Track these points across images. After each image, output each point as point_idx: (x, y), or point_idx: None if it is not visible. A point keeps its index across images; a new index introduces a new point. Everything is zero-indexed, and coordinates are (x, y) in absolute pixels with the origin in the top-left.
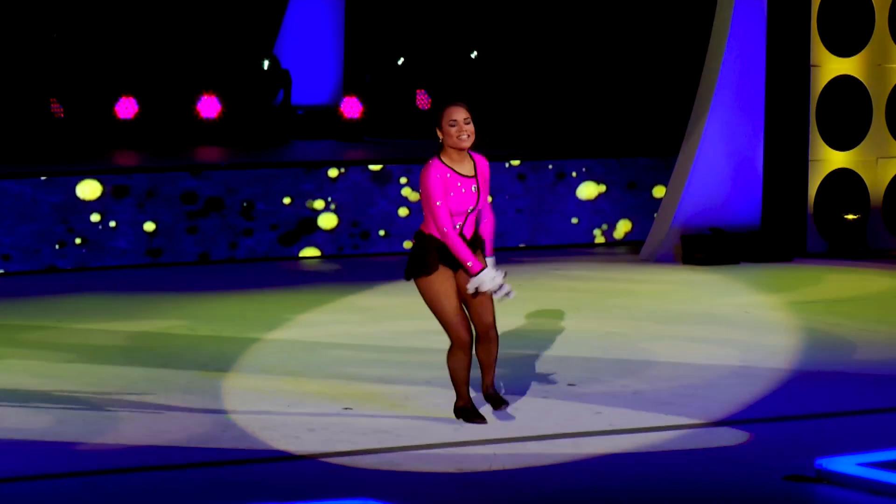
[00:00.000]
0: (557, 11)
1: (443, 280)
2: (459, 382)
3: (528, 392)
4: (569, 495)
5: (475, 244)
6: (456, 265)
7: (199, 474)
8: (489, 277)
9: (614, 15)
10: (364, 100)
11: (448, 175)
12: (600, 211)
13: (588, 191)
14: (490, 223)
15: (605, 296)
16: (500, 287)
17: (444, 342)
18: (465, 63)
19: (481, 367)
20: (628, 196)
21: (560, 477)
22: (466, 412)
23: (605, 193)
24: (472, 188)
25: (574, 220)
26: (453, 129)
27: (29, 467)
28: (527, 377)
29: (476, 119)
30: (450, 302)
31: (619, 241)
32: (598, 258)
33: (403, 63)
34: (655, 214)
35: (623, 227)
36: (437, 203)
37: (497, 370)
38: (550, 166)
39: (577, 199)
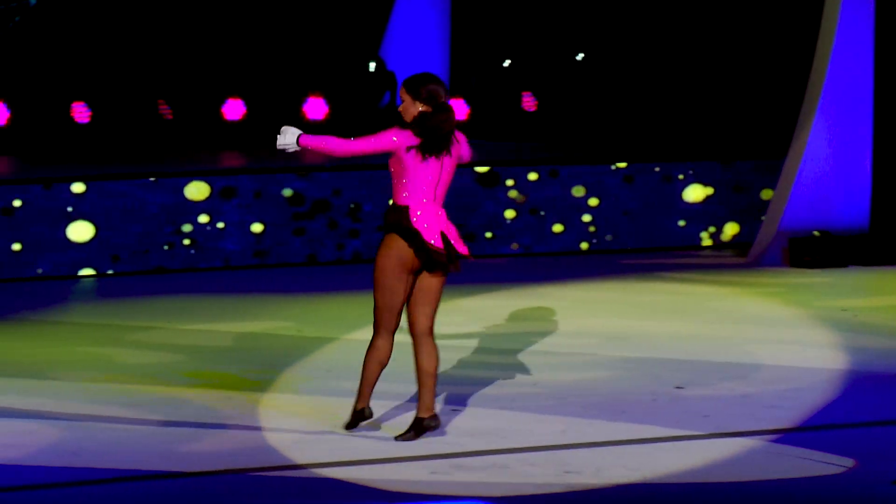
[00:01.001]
0: (664, 13)
1: (402, 263)
2: (368, 383)
3: (635, 394)
4: (675, 500)
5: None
6: (429, 264)
7: (299, 476)
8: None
9: (721, 17)
10: (470, 102)
11: (408, 133)
12: (707, 213)
13: (695, 193)
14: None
15: (712, 298)
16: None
17: (552, 346)
18: (571, 65)
19: (422, 381)
20: (735, 198)
21: (666, 478)
22: (356, 416)
23: (713, 196)
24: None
25: (681, 223)
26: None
27: (137, 466)
28: (634, 379)
29: (581, 121)
30: (403, 290)
31: (726, 244)
32: (704, 261)
33: (509, 65)
34: (763, 217)
35: (730, 230)
36: (391, 138)
37: (604, 372)
38: (657, 169)
39: (683, 201)
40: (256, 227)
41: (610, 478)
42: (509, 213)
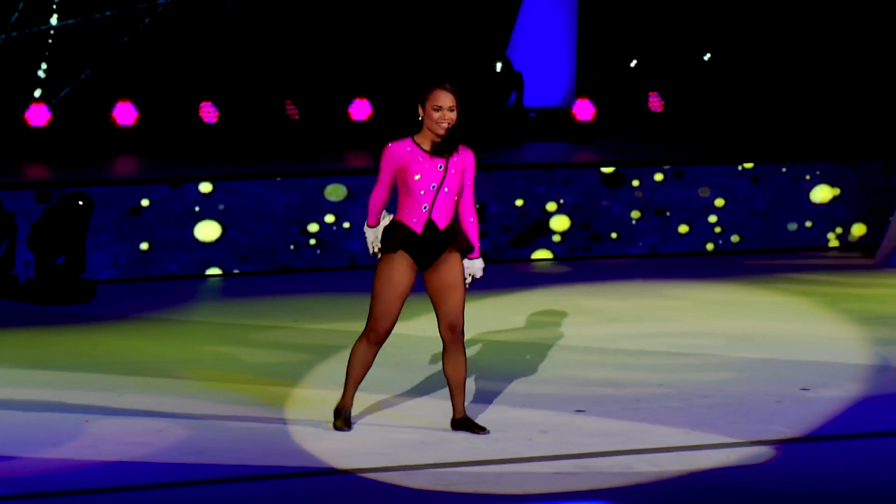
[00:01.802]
0: (792, 13)
1: (399, 269)
2: (353, 381)
3: (760, 396)
4: (799, 499)
5: (450, 235)
6: (424, 262)
7: (430, 475)
8: (375, 237)
9: (850, 15)
10: (596, 102)
11: (408, 149)
12: (834, 214)
13: (822, 194)
14: (475, 225)
15: (838, 300)
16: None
17: (674, 345)
18: (698, 65)
19: (452, 388)
20: (863, 199)
21: (790, 480)
22: (339, 414)
23: (840, 197)
24: (438, 167)
25: (808, 224)
26: (436, 114)
27: (264, 464)
28: (759, 381)
29: (708, 121)
30: (393, 291)
31: (853, 245)
32: (831, 262)
33: (636, 65)
34: (890, 218)
35: (857, 231)
36: (387, 171)
37: (729, 373)
38: (784, 169)
39: (810, 202)
40: None
41: (735, 479)
42: (635, 214)
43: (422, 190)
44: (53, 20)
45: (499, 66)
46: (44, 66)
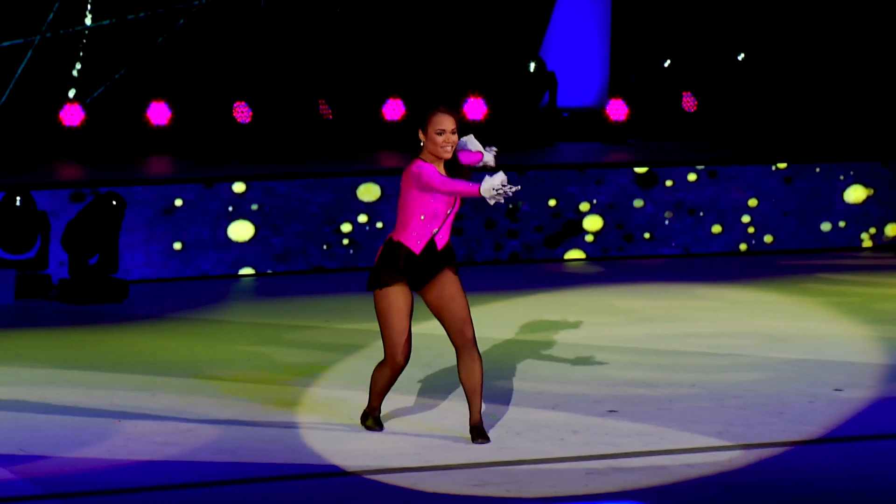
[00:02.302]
0: (826, 12)
1: (399, 295)
2: (376, 394)
3: (793, 396)
4: (832, 499)
5: (447, 255)
6: (418, 282)
7: (462, 475)
8: (496, 178)
9: (885, 15)
10: (629, 102)
11: (431, 167)
12: (868, 214)
13: (855, 194)
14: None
15: (872, 300)
16: (503, 183)
17: (709, 346)
18: (732, 65)
19: (467, 394)
20: None
21: (824, 480)
22: (367, 416)
23: (873, 197)
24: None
25: (841, 224)
26: (440, 138)
27: (288, 460)
28: (792, 381)
29: (742, 121)
30: (399, 320)
31: (886, 245)
32: (864, 262)
33: (670, 65)
34: None
35: (891, 231)
36: (442, 182)
37: (761, 373)
38: (818, 169)
39: (844, 202)
40: None
41: (768, 479)
42: (668, 214)
43: (437, 214)
44: (87, 20)
45: (532, 66)
46: (78, 66)
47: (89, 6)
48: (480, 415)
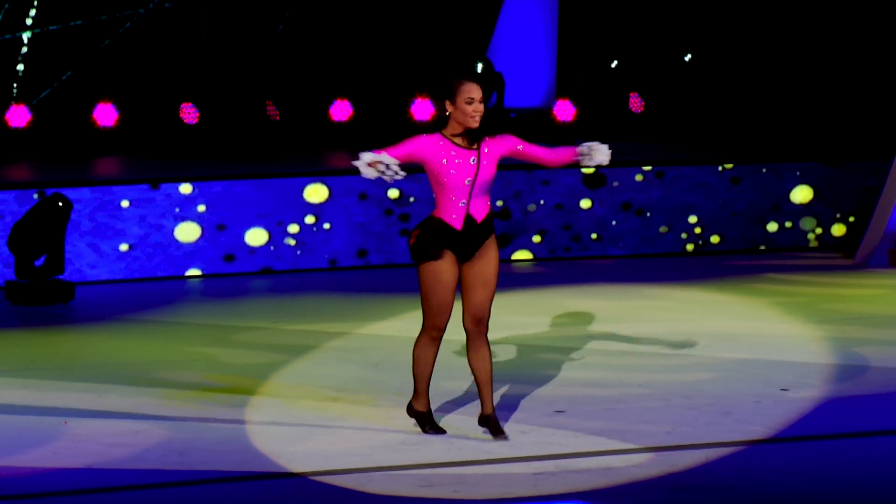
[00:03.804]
0: (772, 14)
1: (444, 269)
2: (422, 378)
3: (740, 396)
4: (778, 499)
5: (487, 227)
6: (463, 255)
7: (410, 476)
8: (366, 155)
9: (829, 17)
10: (577, 103)
11: (441, 143)
12: (814, 215)
13: (802, 194)
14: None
15: (819, 300)
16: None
17: (657, 347)
18: (679, 66)
19: (478, 383)
20: (842, 200)
21: (772, 480)
22: (423, 419)
23: (819, 197)
24: (471, 160)
25: (788, 224)
26: (469, 108)
27: (245, 467)
28: (740, 381)
29: (688, 122)
30: (443, 292)
31: (832, 246)
32: (811, 262)
33: (617, 66)
34: (870, 219)
35: (837, 231)
36: (409, 148)
37: (709, 373)
38: (764, 170)
39: (791, 202)
40: (360, 229)
41: (715, 479)
42: (615, 214)
43: (457, 185)
44: (28, 22)
45: (480, 67)
46: (21, 67)
47: (34, 10)
48: (493, 404)
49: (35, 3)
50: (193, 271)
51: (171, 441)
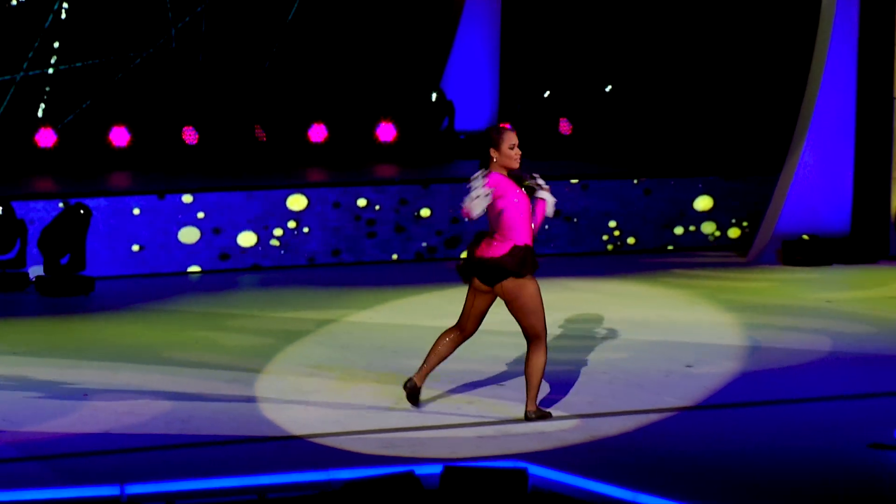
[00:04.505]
0: (683, 52)
1: (537, 284)
2: (537, 386)
3: (651, 372)
4: (682, 457)
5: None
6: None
7: (374, 439)
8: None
9: (733, 55)
10: (515, 126)
11: (504, 179)
12: (713, 220)
13: (703, 203)
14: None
15: (717, 291)
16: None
17: (580, 329)
18: (601, 95)
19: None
20: (737, 207)
21: (677, 441)
22: (539, 413)
23: (718, 205)
24: (525, 198)
25: (692, 228)
26: (513, 152)
27: (238, 432)
28: (651, 359)
29: (608, 142)
30: (543, 305)
31: (729, 246)
32: (711, 260)
33: (549, 95)
34: (761, 223)
35: (733, 234)
36: (515, 200)
37: (626, 353)
38: (672, 182)
39: (694, 210)
40: (334, 232)
41: (632, 441)
42: (548, 220)
43: (524, 219)
44: (53, 60)
45: (434, 96)
46: (46, 95)
47: (58, 50)
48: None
49: (56, 45)
50: (193, 268)
51: (174, 410)
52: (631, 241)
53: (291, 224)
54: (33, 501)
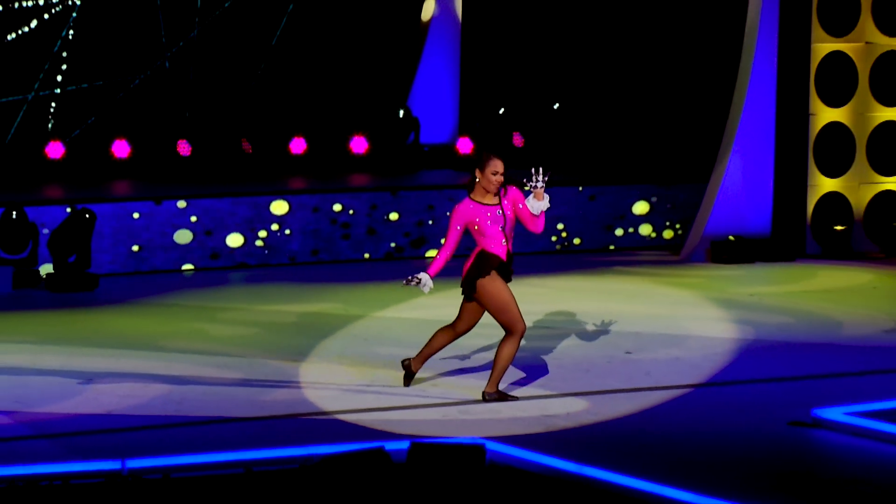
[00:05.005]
0: (622, 77)
1: (498, 279)
2: (502, 370)
3: (596, 357)
4: (620, 434)
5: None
6: (506, 278)
7: (352, 417)
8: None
9: (661, 75)
10: (474, 139)
11: (471, 207)
12: (650, 223)
13: (641, 208)
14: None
15: (653, 286)
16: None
17: (532, 319)
18: (549, 112)
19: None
20: (671, 212)
21: (617, 420)
22: (501, 395)
23: (654, 210)
24: (497, 212)
25: (631, 230)
26: (494, 178)
27: (226, 412)
28: (595, 346)
29: (557, 154)
30: (508, 295)
31: (663, 246)
32: (647, 258)
33: (503, 112)
34: (691, 225)
35: (667, 235)
36: (457, 227)
37: (572, 341)
38: (613, 189)
39: (632, 213)
40: (313, 234)
41: (578, 420)
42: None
43: (495, 231)
44: (59, 79)
45: (402, 112)
46: (53, 110)
47: (64, 71)
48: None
49: (64, 67)
50: (187, 266)
51: (170, 393)
52: (577, 241)
53: (275, 227)
54: (44, 475)
